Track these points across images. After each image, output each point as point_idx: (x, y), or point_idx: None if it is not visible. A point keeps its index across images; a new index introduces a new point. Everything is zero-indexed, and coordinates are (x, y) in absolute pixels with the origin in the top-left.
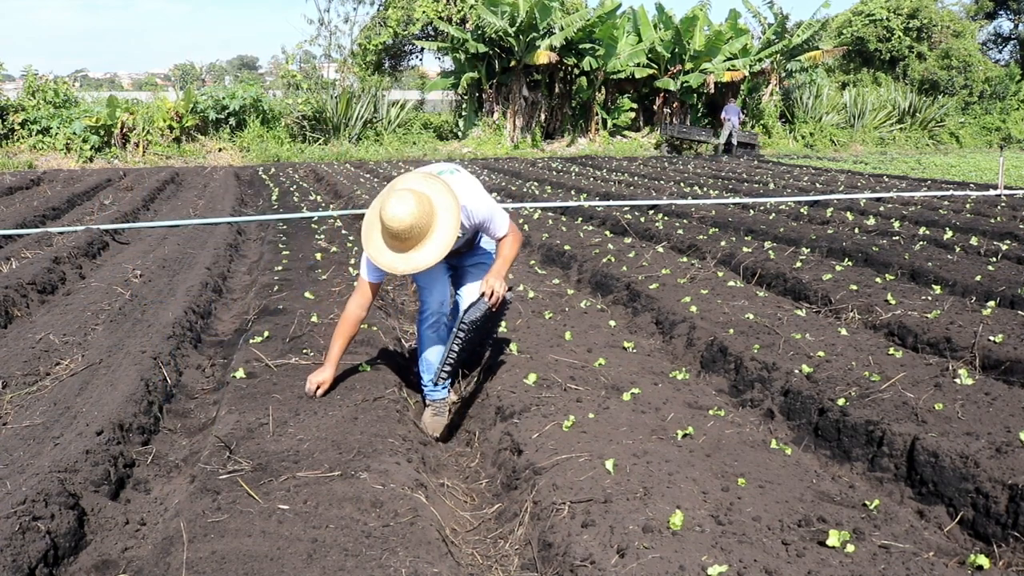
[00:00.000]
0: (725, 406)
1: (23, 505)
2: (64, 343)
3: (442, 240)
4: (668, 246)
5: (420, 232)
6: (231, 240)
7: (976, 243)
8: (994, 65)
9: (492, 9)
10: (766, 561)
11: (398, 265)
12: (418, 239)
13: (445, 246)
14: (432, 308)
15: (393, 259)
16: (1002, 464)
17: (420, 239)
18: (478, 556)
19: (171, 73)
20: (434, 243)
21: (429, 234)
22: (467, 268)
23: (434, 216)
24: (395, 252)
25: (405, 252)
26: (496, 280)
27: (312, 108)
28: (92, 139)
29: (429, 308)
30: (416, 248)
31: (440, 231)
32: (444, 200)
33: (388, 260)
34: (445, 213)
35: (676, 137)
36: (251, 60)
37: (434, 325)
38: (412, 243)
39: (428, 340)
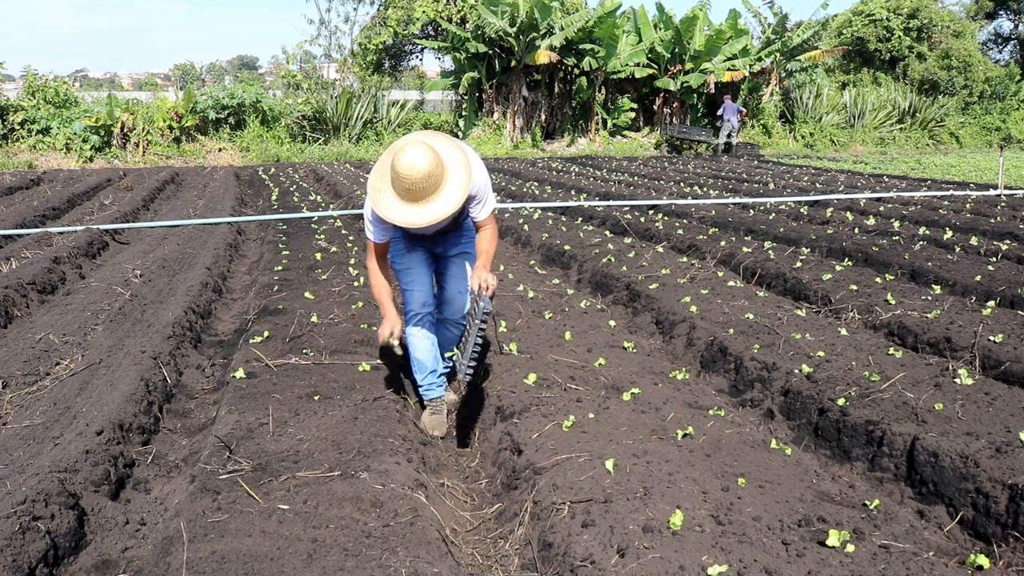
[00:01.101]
0: (725, 406)
1: (23, 505)
2: (64, 343)
3: (458, 187)
4: (668, 246)
5: (435, 182)
6: (231, 240)
7: (976, 243)
8: (994, 65)
9: (492, 9)
10: (766, 561)
11: (416, 218)
12: (433, 189)
13: (463, 192)
14: (414, 308)
15: (410, 213)
16: (1002, 464)
17: (435, 189)
18: (478, 556)
19: (171, 73)
20: (451, 190)
21: (443, 184)
22: (451, 258)
23: (444, 166)
24: (410, 204)
25: (420, 203)
26: (486, 273)
27: (312, 108)
28: (92, 139)
29: (412, 308)
30: (432, 199)
31: (454, 179)
32: (451, 152)
33: (405, 215)
34: (455, 163)
35: (676, 137)
36: (251, 60)
37: (420, 324)
38: (427, 194)
39: (416, 340)
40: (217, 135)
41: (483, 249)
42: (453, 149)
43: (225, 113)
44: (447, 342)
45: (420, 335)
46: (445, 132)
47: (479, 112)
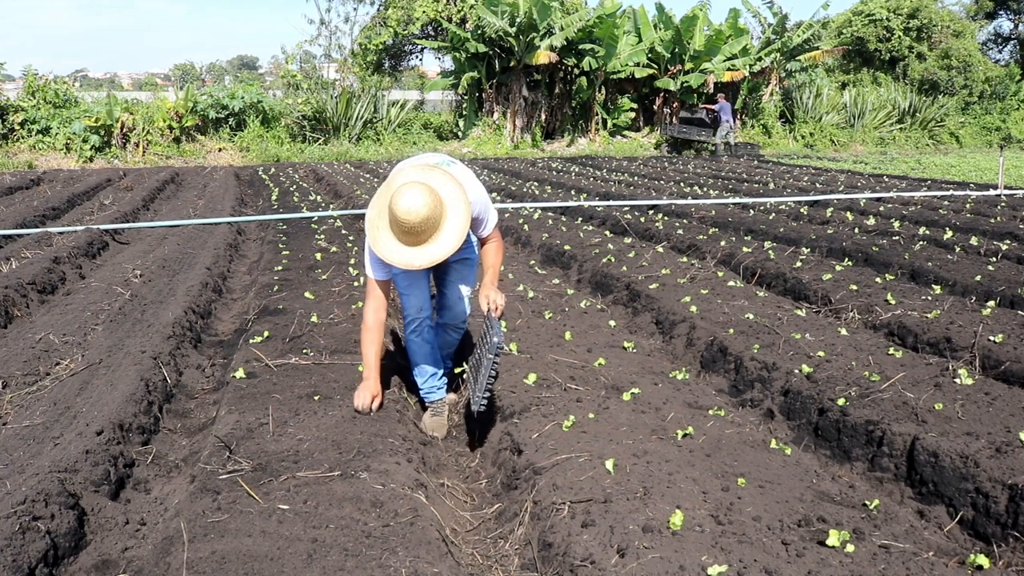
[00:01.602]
0: (725, 406)
1: (23, 505)
2: (64, 343)
3: (456, 228)
4: (668, 246)
5: (434, 223)
6: (231, 240)
7: (976, 243)
8: (994, 65)
9: (492, 9)
10: (766, 561)
11: (415, 260)
12: (432, 231)
13: (461, 233)
14: (412, 314)
15: (409, 255)
16: (1002, 464)
17: (434, 231)
18: (478, 556)
19: (171, 73)
20: (449, 232)
21: (442, 224)
22: (451, 264)
23: (443, 206)
24: (409, 247)
25: (419, 246)
26: (494, 292)
27: (312, 108)
28: (92, 139)
29: (410, 315)
30: (431, 241)
31: (452, 220)
32: (450, 189)
33: (404, 257)
34: (454, 202)
35: (676, 137)
36: (251, 60)
37: (418, 330)
38: (426, 236)
39: (415, 345)
40: (217, 135)
41: (489, 264)
42: (451, 186)
43: (225, 113)
44: (447, 345)
45: (419, 341)
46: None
47: (479, 112)
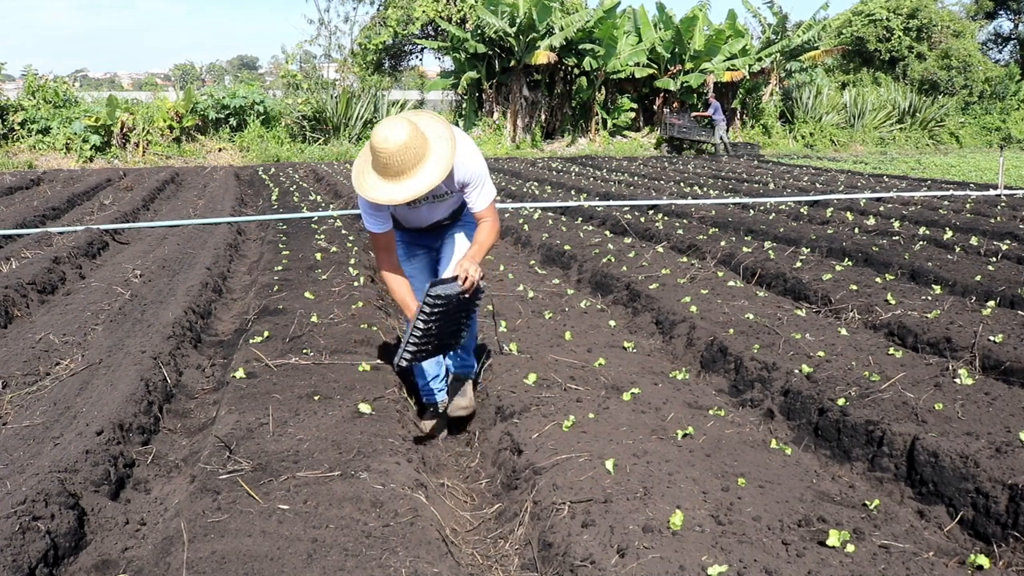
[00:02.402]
0: (725, 406)
1: (23, 505)
2: (64, 343)
3: (441, 160)
4: (668, 246)
5: (414, 155)
6: (231, 240)
7: (976, 243)
8: (994, 65)
9: (492, 9)
10: (766, 561)
11: (396, 194)
12: (412, 164)
13: (446, 165)
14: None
15: (390, 190)
16: (1002, 464)
17: (414, 164)
18: (478, 556)
19: (171, 73)
20: (431, 165)
21: (425, 157)
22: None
23: (426, 140)
24: (389, 182)
25: (398, 180)
26: (471, 263)
27: (312, 108)
28: (92, 139)
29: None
30: (410, 174)
31: (437, 152)
32: (435, 127)
33: (384, 192)
34: (438, 138)
35: (676, 137)
36: (251, 60)
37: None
38: (405, 169)
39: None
40: (217, 135)
41: (478, 240)
42: (439, 126)
43: (225, 113)
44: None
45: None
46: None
47: (479, 112)
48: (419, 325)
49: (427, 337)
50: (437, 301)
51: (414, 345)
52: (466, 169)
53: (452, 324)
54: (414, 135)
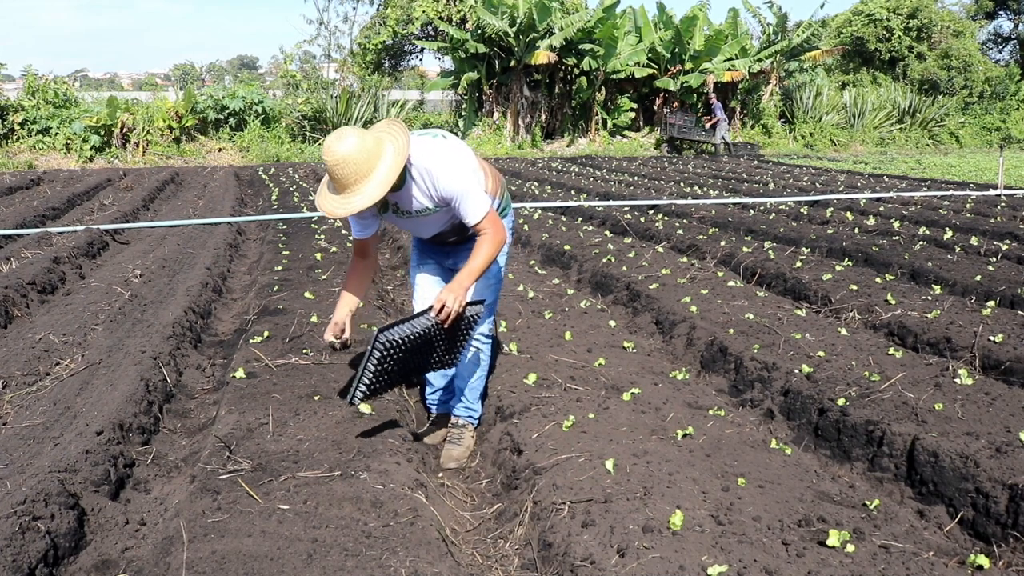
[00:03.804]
0: (725, 406)
1: (23, 505)
2: (64, 343)
3: (380, 177)
4: (668, 246)
5: (356, 170)
6: (231, 240)
7: (976, 243)
8: (994, 65)
9: (492, 10)
10: (766, 561)
11: (336, 209)
12: (358, 179)
13: (381, 188)
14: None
15: (331, 203)
16: (1002, 464)
17: (360, 179)
18: (478, 556)
19: (171, 73)
20: (372, 184)
21: (370, 174)
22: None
23: (378, 157)
24: (336, 196)
25: (343, 194)
26: (451, 294)
27: (312, 108)
28: (92, 139)
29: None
30: (354, 189)
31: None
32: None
33: (328, 205)
34: (392, 154)
35: (676, 137)
36: (251, 60)
37: None
38: (348, 183)
39: None
40: (217, 135)
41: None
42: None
43: (225, 113)
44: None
45: None
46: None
47: (479, 112)
48: (369, 367)
49: (383, 376)
50: (389, 345)
51: (366, 385)
52: (445, 185)
53: (432, 352)
54: (360, 149)
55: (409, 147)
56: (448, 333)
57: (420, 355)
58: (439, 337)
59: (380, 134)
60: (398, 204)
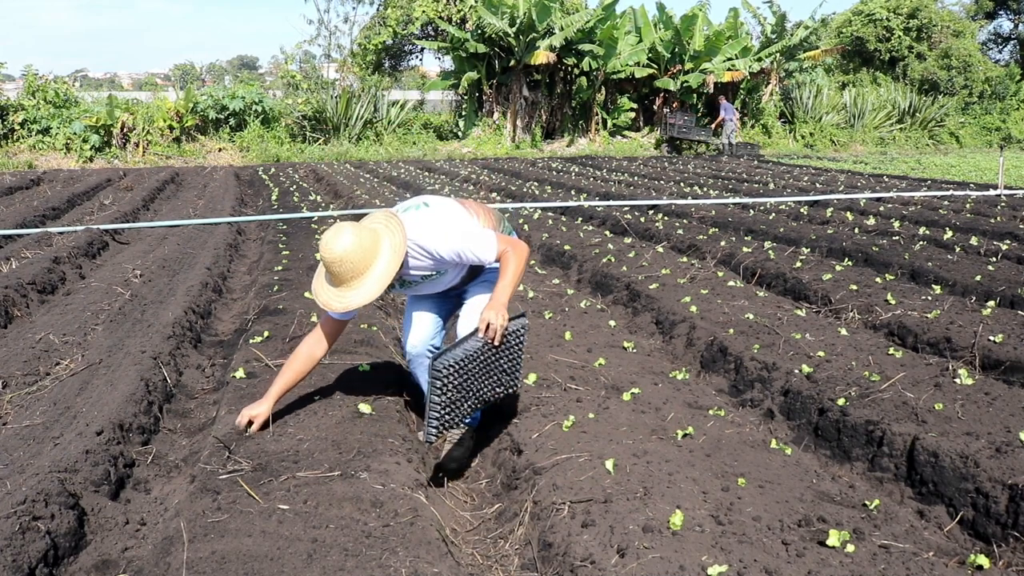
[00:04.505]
0: (725, 406)
1: (23, 505)
2: (64, 343)
3: (377, 279)
4: (668, 246)
5: (357, 267)
6: (231, 240)
7: (976, 243)
8: (994, 65)
9: (492, 10)
10: (766, 561)
11: (332, 303)
12: (355, 275)
13: (378, 286)
14: (406, 347)
15: (328, 296)
16: (1002, 464)
17: (358, 275)
18: (478, 556)
19: (171, 73)
20: (369, 282)
21: (369, 270)
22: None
23: (376, 255)
24: (333, 288)
25: (340, 289)
26: (492, 311)
27: (312, 108)
28: (92, 139)
29: (405, 346)
30: (349, 285)
31: (378, 267)
32: (392, 240)
33: (324, 297)
34: (386, 253)
35: (676, 137)
36: (251, 60)
37: (412, 365)
38: (347, 279)
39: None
40: (217, 135)
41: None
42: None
43: (225, 113)
44: None
45: (419, 370)
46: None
47: (479, 112)
48: (433, 399)
49: (449, 405)
50: (446, 371)
51: (436, 418)
52: (446, 250)
53: (491, 374)
54: (357, 248)
55: (406, 243)
56: (499, 352)
57: (481, 378)
58: (492, 357)
59: (377, 227)
60: (403, 279)
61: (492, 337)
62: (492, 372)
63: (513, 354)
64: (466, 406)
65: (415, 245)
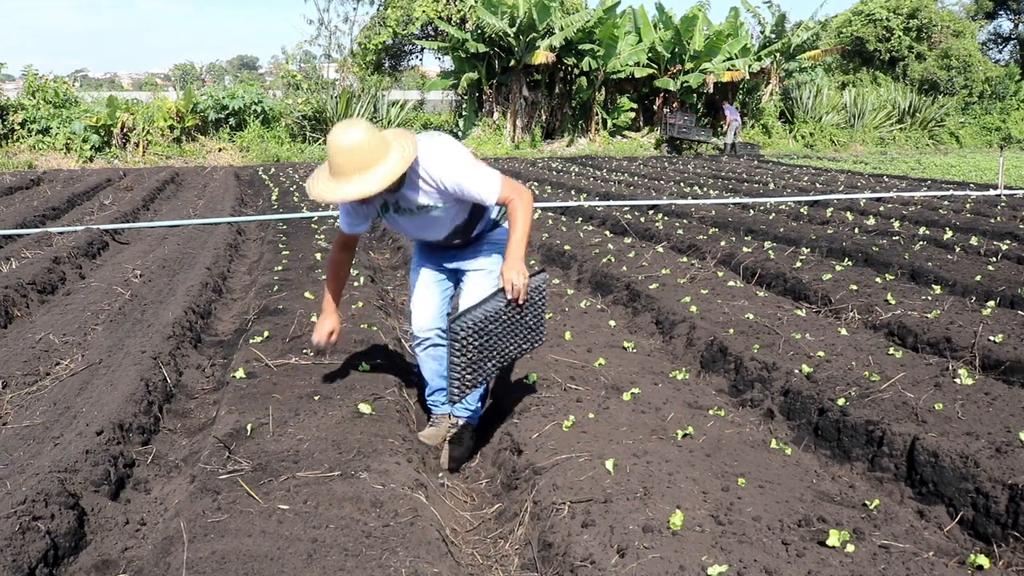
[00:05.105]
0: (725, 406)
1: (23, 505)
2: (64, 343)
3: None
4: (668, 246)
5: (358, 163)
6: (231, 240)
7: (976, 243)
8: (994, 65)
9: (491, 10)
10: (766, 561)
11: (326, 194)
12: (355, 171)
13: (378, 184)
14: (414, 330)
15: (323, 187)
16: (1002, 464)
17: (359, 171)
18: (478, 556)
19: (171, 73)
20: (370, 178)
21: (371, 170)
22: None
23: (384, 156)
24: (331, 182)
25: (338, 182)
26: (512, 270)
27: (312, 108)
28: (92, 139)
29: (413, 330)
30: (349, 180)
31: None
32: (402, 152)
33: (318, 189)
34: (396, 153)
35: (676, 137)
36: (251, 60)
37: (420, 347)
38: (348, 172)
39: (423, 360)
40: (217, 135)
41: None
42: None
43: (225, 113)
44: None
45: (424, 357)
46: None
47: (479, 112)
48: (453, 360)
49: (470, 366)
50: (464, 332)
51: (457, 378)
52: (450, 176)
53: (515, 332)
54: (366, 143)
55: (415, 155)
56: (524, 309)
57: (505, 338)
58: (517, 316)
59: (389, 137)
60: (399, 203)
61: (517, 296)
62: (517, 330)
63: (537, 310)
64: (489, 365)
65: (421, 169)
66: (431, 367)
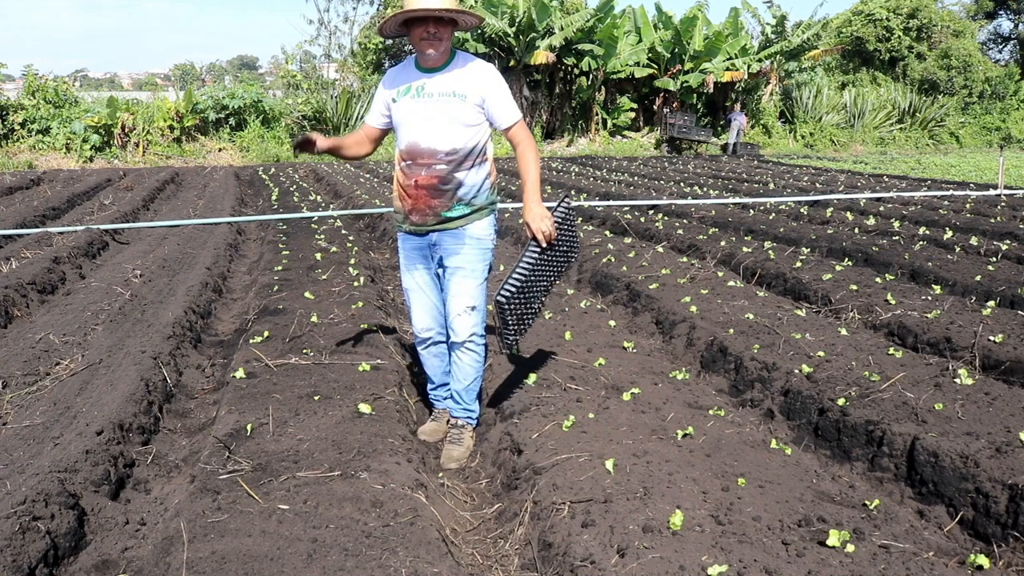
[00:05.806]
0: (725, 406)
1: (23, 505)
2: (64, 343)
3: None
4: (668, 246)
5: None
6: (231, 240)
7: (976, 243)
8: (994, 65)
9: (491, 10)
10: (766, 561)
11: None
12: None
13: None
14: (415, 332)
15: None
16: (1002, 464)
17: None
18: (478, 556)
19: (171, 73)
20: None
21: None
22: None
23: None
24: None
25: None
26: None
27: (312, 108)
28: (92, 139)
29: (414, 331)
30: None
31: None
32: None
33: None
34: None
35: (676, 137)
36: (251, 60)
37: (422, 347)
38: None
39: (424, 358)
40: (217, 135)
41: (526, 177)
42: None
43: (225, 113)
44: (459, 372)
45: (425, 355)
46: None
47: None
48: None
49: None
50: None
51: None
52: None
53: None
54: None
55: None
56: (558, 242)
57: (547, 271)
58: (552, 252)
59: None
60: (425, 86)
61: (548, 240)
62: (556, 261)
63: (572, 234)
64: (539, 302)
65: (471, 61)
66: (433, 364)
